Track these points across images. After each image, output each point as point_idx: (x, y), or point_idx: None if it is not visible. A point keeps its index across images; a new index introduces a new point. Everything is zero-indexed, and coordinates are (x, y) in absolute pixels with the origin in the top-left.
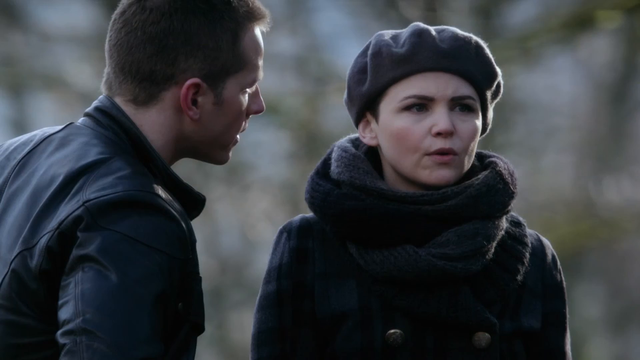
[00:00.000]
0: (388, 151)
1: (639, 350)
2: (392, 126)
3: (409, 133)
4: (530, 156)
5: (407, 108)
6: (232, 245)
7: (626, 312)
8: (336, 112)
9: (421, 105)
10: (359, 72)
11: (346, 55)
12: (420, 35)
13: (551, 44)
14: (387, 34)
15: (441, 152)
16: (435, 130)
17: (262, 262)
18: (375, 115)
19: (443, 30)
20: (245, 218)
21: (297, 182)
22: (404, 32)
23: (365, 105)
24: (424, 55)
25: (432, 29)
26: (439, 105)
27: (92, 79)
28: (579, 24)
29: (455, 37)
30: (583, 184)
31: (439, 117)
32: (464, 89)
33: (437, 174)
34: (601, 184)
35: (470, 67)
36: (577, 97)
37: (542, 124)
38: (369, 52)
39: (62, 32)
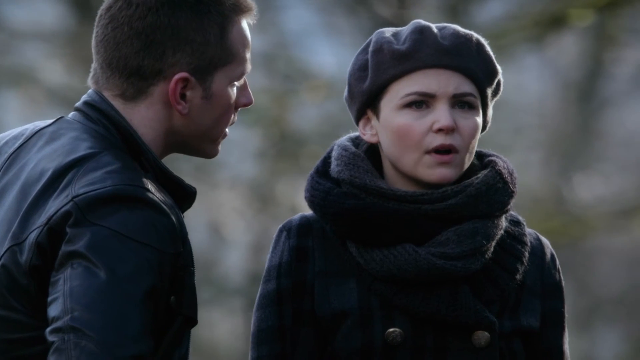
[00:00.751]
0: (389, 148)
1: (604, 346)
2: (393, 123)
3: (410, 130)
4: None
5: (409, 105)
6: (200, 242)
7: (592, 309)
8: (306, 110)
9: (422, 102)
10: (360, 69)
11: (315, 52)
12: (421, 32)
13: (521, 42)
14: (388, 31)
15: (442, 150)
16: (436, 126)
17: (230, 260)
18: (376, 112)
19: (444, 28)
20: (214, 216)
21: (267, 180)
22: (405, 29)
23: (366, 102)
24: (426, 52)
25: (434, 26)
26: (440, 102)
27: (61, 76)
28: (551, 22)
29: (457, 34)
30: (551, 181)
31: (441, 114)
32: (465, 86)
33: (438, 173)
34: (569, 181)
35: (471, 65)
36: (545, 95)
37: (510, 122)
38: (370, 49)
39: (30, 29)
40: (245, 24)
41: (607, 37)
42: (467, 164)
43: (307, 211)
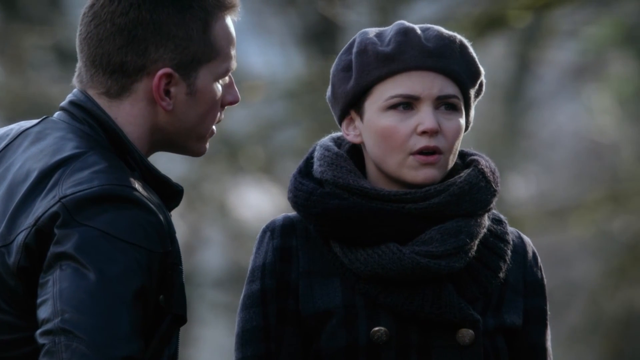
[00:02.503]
0: (372, 149)
1: None
2: (377, 125)
3: (394, 132)
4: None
5: (393, 107)
6: None
7: None
8: (237, 111)
9: (407, 104)
10: (343, 69)
11: (244, 53)
12: (405, 34)
13: None
14: (372, 31)
15: (426, 151)
16: (420, 129)
17: None
18: (360, 113)
19: (428, 29)
20: None
21: (198, 181)
22: (389, 30)
23: (349, 103)
24: (410, 54)
25: (417, 28)
26: (425, 104)
27: None
28: (489, 24)
29: (441, 36)
30: None
31: (425, 116)
32: (449, 88)
33: (422, 174)
34: None
35: (455, 67)
36: None
37: None
38: (354, 50)
39: None
40: (229, 20)
41: (534, 38)
42: (450, 165)
43: (235, 211)
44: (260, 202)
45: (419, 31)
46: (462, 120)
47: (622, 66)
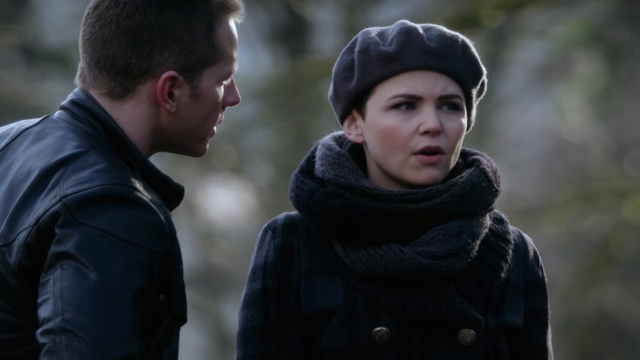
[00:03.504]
0: (374, 149)
1: None
2: (379, 124)
3: (396, 132)
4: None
5: (395, 107)
6: None
7: None
8: None
9: (409, 104)
10: (346, 69)
11: None
12: (408, 34)
13: None
14: (374, 31)
15: (428, 151)
16: (423, 129)
17: None
18: (362, 113)
19: (430, 29)
20: None
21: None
22: (391, 29)
23: (351, 103)
24: (413, 54)
25: (419, 27)
26: (427, 104)
27: None
28: (461, 23)
29: (443, 36)
30: None
31: (427, 116)
32: (451, 87)
33: (424, 174)
34: None
35: (457, 66)
36: None
37: None
38: (356, 49)
39: None
40: (232, 23)
41: (502, 38)
42: (452, 165)
43: (204, 210)
44: (229, 202)
45: (421, 31)
46: (464, 120)
47: (589, 66)
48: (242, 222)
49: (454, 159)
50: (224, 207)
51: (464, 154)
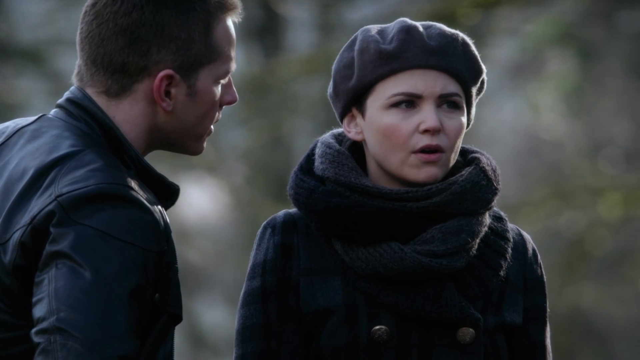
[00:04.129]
0: (374, 147)
1: None
2: (379, 123)
3: (396, 130)
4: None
5: (395, 105)
6: None
7: None
8: None
9: (409, 102)
10: (345, 67)
11: None
12: (408, 32)
13: None
14: (373, 29)
15: (428, 150)
16: (423, 127)
17: None
18: (362, 111)
19: (430, 27)
20: None
21: None
22: (391, 27)
23: (351, 100)
24: (413, 52)
25: (420, 25)
26: (427, 102)
27: None
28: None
29: (443, 34)
30: None
31: (427, 115)
32: (451, 86)
33: (424, 172)
34: None
35: (457, 65)
36: None
37: None
38: (356, 47)
39: None
40: (230, 22)
41: (474, 37)
42: (452, 163)
43: (177, 209)
44: (203, 200)
45: (421, 29)
46: (464, 119)
47: (562, 64)
48: (216, 220)
49: (454, 158)
50: (198, 206)
51: (464, 152)
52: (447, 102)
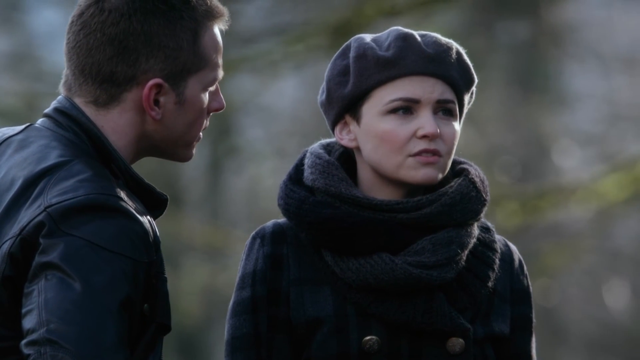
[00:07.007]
0: (370, 153)
1: None
2: (376, 128)
3: (394, 135)
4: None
5: (393, 111)
6: None
7: None
8: None
9: (406, 108)
10: (340, 74)
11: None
12: (405, 39)
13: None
14: (367, 37)
15: (426, 152)
16: (421, 133)
17: None
18: (356, 118)
19: (425, 35)
20: None
21: None
22: (385, 35)
23: (346, 107)
24: (411, 59)
25: (416, 33)
26: (424, 108)
27: None
28: (343, 30)
29: (439, 43)
30: None
31: (425, 121)
32: (447, 93)
33: (422, 173)
34: None
35: (453, 73)
36: (300, 101)
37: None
38: (352, 54)
39: None
40: (217, 29)
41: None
42: (447, 169)
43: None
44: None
45: (418, 37)
46: (458, 126)
47: None
48: None
49: (449, 164)
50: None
51: (452, 163)
52: (443, 109)
